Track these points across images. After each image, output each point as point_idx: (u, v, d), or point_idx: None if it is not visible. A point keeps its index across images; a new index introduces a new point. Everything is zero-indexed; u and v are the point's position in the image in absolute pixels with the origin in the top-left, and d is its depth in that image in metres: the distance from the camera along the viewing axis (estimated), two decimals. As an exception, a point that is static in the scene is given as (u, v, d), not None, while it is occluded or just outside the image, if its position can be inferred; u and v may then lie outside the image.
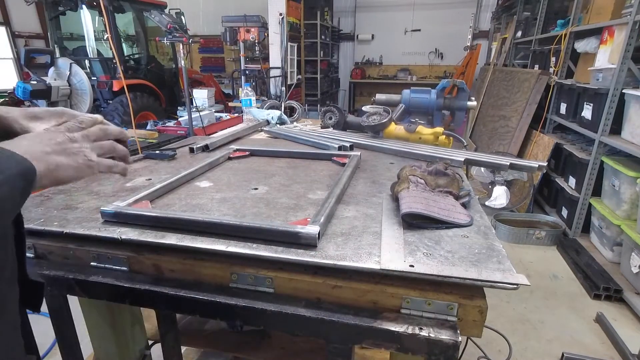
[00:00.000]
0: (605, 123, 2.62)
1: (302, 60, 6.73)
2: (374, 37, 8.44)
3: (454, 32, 7.72)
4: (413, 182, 0.90)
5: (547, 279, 2.50)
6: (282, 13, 5.23)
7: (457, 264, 0.64)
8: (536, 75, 3.79)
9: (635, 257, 2.22)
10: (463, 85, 1.78)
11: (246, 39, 5.32)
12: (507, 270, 0.62)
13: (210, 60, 8.55)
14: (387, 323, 0.60)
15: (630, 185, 2.36)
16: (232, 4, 7.66)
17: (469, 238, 0.74)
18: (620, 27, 2.59)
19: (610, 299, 2.24)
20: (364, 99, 8.44)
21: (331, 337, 0.63)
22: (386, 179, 1.12)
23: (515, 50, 5.31)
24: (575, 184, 3.01)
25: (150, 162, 1.32)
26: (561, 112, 3.47)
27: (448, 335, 0.58)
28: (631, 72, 2.48)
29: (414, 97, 1.81)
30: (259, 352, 1.16)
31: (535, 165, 1.25)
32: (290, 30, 5.64)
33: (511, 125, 4.03)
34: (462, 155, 1.28)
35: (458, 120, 1.83)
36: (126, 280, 0.72)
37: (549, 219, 3.16)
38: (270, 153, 1.40)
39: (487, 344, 1.79)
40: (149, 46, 5.46)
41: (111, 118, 4.28)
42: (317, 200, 0.94)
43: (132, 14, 5.16)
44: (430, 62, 8.27)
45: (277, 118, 2.04)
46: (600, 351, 1.88)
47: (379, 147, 1.48)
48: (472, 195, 0.93)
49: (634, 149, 2.29)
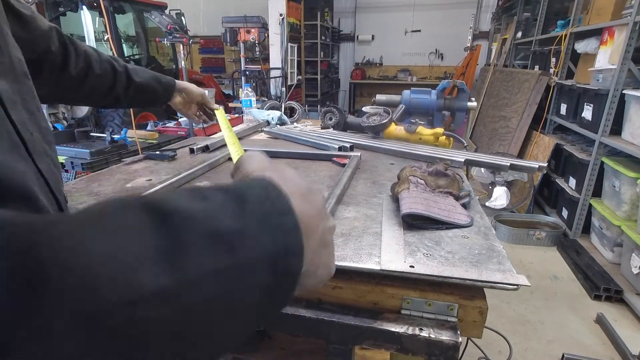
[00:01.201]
0: (605, 124, 2.62)
1: (302, 60, 6.73)
2: (374, 38, 8.44)
3: (454, 32, 7.72)
4: (413, 183, 0.90)
5: (548, 280, 2.49)
6: (283, 14, 5.23)
7: (457, 264, 0.64)
8: (536, 76, 3.79)
9: (636, 257, 2.22)
10: (463, 86, 1.78)
11: (246, 40, 5.32)
12: (508, 271, 0.62)
13: (211, 60, 8.55)
14: (387, 324, 0.60)
15: (630, 186, 2.36)
16: (233, 5, 7.66)
17: (469, 239, 0.74)
18: (621, 27, 2.59)
19: (611, 300, 2.24)
20: (364, 100, 8.43)
21: (331, 338, 0.63)
22: (386, 179, 1.12)
23: (515, 50, 5.31)
24: (575, 184, 3.01)
25: (150, 162, 1.32)
26: (561, 112, 3.47)
27: (448, 336, 0.58)
28: (631, 72, 2.48)
29: (414, 98, 1.82)
30: (259, 353, 1.16)
31: (536, 166, 1.25)
32: (291, 30, 5.64)
33: (511, 125, 4.03)
34: (462, 156, 1.28)
35: (458, 120, 1.83)
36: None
37: (549, 220, 3.16)
38: (270, 154, 1.40)
39: (487, 345, 1.79)
40: (150, 47, 5.46)
41: (111, 118, 4.28)
42: (317, 201, 0.94)
43: (133, 14, 5.17)
44: (430, 63, 8.27)
45: (277, 119, 2.04)
46: (600, 352, 1.88)
47: (379, 148, 1.48)
48: (472, 196, 0.93)
49: (634, 149, 2.29)
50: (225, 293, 0.22)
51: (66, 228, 0.19)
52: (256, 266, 0.24)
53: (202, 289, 0.21)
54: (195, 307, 0.21)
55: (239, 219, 0.24)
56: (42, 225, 0.19)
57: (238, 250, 0.23)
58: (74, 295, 0.18)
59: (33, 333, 0.17)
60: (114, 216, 0.21)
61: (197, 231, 0.22)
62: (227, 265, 0.22)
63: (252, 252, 0.24)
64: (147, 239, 0.20)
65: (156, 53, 5.78)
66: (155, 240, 0.20)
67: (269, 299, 0.25)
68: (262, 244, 0.24)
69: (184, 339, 0.21)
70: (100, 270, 0.18)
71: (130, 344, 0.19)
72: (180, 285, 0.20)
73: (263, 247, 0.24)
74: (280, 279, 0.25)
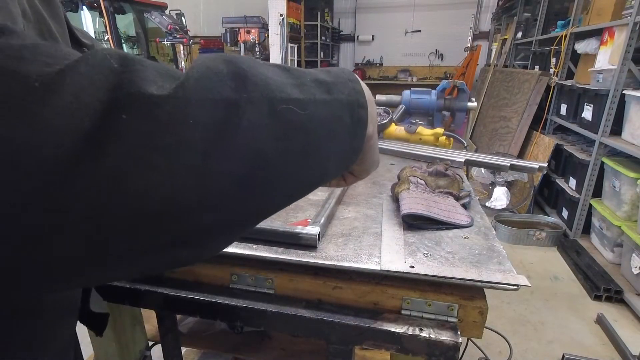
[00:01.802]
0: (605, 124, 2.62)
1: (303, 61, 6.74)
2: (374, 38, 8.45)
3: (454, 33, 7.72)
4: (413, 183, 0.90)
5: (548, 280, 2.49)
6: (283, 14, 5.23)
7: (457, 264, 0.64)
8: (536, 76, 3.79)
9: (636, 258, 2.22)
10: (463, 86, 1.78)
11: (247, 40, 5.33)
12: (508, 271, 0.62)
13: (211, 61, 8.55)
14: (387, 324, 0.60)
15: (630, 186, 2.36)
16: (233, 5, 7.67)
17: (470, 239, 0.74)
18: (621, 28, 2.59)
19: (611, 300, 2.24)
20: (364, 100, 8.42)
21: (331, 338, 0.63)
22: (386, 179, 1.12)
23: (515, 51, 5.31)
24: (575, 184, 3.01)
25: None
26: (561, 113, 3.47)
27: (448, 336, 0.58)
28: (631, 73, 2.48)
29: (414, 98, 1.82)
30: (259, 353, 1.16)
31: (536, 166, 1.25)
32: (291, 31, 5.64)
33: (511, 126, 4.03)
34: (462, 156, 1.28)
35: (458, 121, 1.83)
36: (126, 281, 0.72)
37: (549, 220, 3.16)
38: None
39: (487, 345, 1.79)
40: (150, 47, 5.47)
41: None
42: (317, 201, 0.94)
43: (133, 15, 5.17)
44: (430, 63, 8.27)
45: (277, 119, 2.04)
46: (600, 352, 1.88)
47: (379, 148, 1.48)
48: (473, 196, 0.93)
49: (634, 150, 2.29)
50: (328, 117, 0.32)
51: (243, 59, 0.30)
52: (342, 106, 0.34)
53: (317, 107, 0.31)
54: (313, 119, 0.31)
55: (330, 76, 0.35)
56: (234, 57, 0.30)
57: (332, 92, 0.33)
58: (264, 89, 0.28)
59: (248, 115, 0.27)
60: (260, 63, 0.31)
61: (307, 77, 0.33)
62: (327, 99, 0.33)
63: (340, 95, 0.34)
64: (285, 76, 0.31)
65: (156, 53, 5.79)
66: (287, 78, 0.31)
67: (349, 137, 0.35)
68: (345, 94, 0.34)
69: (309, 146, 0.31)
70: (270, 81, 0.29)
71: (293, 127, 0.29)
72: (306, 100, 0.31)
73: (345, 96, 0.34)
74: (355, 125, 0.35)
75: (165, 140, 0.23)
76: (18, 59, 0.21)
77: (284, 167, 0.29)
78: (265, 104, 0.27)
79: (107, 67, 0.23)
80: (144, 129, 0.22)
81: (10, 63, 0.21)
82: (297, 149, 0.30)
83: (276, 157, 0.28)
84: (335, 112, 0.33)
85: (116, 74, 0.23)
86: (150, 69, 0.25)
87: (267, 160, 0.28)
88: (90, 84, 0.22)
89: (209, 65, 0.27)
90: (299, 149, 0.30)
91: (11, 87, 0.20)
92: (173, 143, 0.23)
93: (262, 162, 0.27)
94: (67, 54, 0.23)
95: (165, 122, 0.23)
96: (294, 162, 0.30)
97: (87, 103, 0.21)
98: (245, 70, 0.28)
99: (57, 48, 0.24)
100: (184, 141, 0.24)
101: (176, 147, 0.23)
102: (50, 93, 0.21)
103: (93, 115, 0.21)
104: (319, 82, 0.33)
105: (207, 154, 0.24)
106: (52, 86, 0.21)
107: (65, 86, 0.21)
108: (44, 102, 0.20)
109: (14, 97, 0.20)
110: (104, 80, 0.22)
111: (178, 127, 0.23)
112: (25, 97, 0.20)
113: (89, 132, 0.21)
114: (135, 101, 0.22)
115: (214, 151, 0.25)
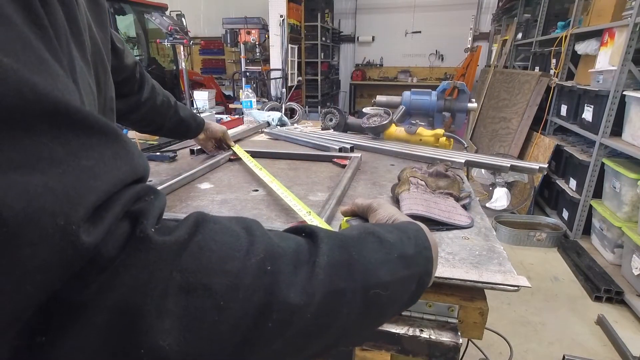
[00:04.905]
0: (605, 125, 2.62)
1: (303, 62, 6.74)
2: (375, 39, 8.45)
3: (455, 34, 7.72)
4: (414, 184, 0.90)
5: (548, 281, 2.49)
6: (283, 15, 5.23)
7: (457, 265, 0.64)
8: (537, 77, 3.79)
9: (636, 259, 2.22)
10: (463, 87, 1.78)
11: (247, 41, 5.32)
12: (508, 272, 0.62)
13: (211, 62, 8.56)
14: (387, 325, 0.60)
15: (631, 187, 2.36)
16: (233, 6, 7.67)
17: (470, 240, 0.74)
18: (621, 29, 2.59)
19: (612, 301, 2.23)
20: (364, 101, 8.44)
21: (332, 339, 0.63)
22: (387, 180, 1.12)
23: (515, 52, 5.31)
24: (576, 185, 3.01)
25: (150, 163, 1.32)
26: (562, 114, 3.47)
27: (449, 337, 0.58)
28: (632, 74, 2.48)
29: (415, 99, 1.82)
30: (260, 354, 1.16)
31: (536, 167, 1.25)
32: (291, 32, 5.65)
33: (512, 127, 4.03)
34: (462, 157, 1.28)
35: (459, 122, 1.83)
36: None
37: (549, 221, 3.16)
38: (270, 155, 1.40)
39: (488, 346, 1.79)
40: (150, 48, 5.47)
41: (112, 120, 4.28)
42: (317, 202, 0.94)
43: (133, 16, 5.17)
44: (430, 64, 8.27)
45: (277, 120, 2.04)
46: (601, 353, 1.88)
47: (379, 149, 1.48)
48: (473, 197, 0.93)
49: (634, 150, 2.29)
50: (402, 291, 0.38)
51: (355, 240, 0.37)
52: (414, 278, 0.39)
53: (396, 286, 0.36)
54: (391, 297, 0.36)
55: (411, 245, 0.40)
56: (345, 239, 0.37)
57: (411, 267, 0.38)
58: (364, 277, 0.34)
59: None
60: (362, 239, 0.37)
61: (395, 251, 0.38)
62: (406, 276, 0.37)
63: (416, 268, 0.39)
64: (379, 252, 0.36)
65: (157, 54, 5.79)
66: (380, 253, 0.36)
67: (410, 299, 0.41)
68: (420, 265, 0.40)
69: (380, 317, 0.38)
70: (370, 266, 0.35)
71: (374, 305, 0.35)
72: (390, 281, 0.35)
73: (420, 268, 0.39)
74: (419, 289, 0.40)
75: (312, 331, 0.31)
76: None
77: (355, 331, 0.35)
78: (362, 293, 0.33)
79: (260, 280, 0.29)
80: (288, 334, 0.29)
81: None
82: (370, 321, 0.37)
83: (353, 328, 0.34)
84: (408, 286, 0.38)
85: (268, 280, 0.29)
86: (287, 272, 0.30)
87: (346, 330, 0.34)
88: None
89: (335, 256, 0.33)
90: (371, 321, 0.37)
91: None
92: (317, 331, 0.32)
93: (343, 332, 0.34)
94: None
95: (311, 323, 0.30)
96: (363, 326, 0.36)
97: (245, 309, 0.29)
98: (355, 260, 0.33)
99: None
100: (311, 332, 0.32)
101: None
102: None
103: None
104: (402, 257, 0.38)
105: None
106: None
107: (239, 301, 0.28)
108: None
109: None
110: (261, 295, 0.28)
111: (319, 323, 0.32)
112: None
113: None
114: (280, 310, 0.28)
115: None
